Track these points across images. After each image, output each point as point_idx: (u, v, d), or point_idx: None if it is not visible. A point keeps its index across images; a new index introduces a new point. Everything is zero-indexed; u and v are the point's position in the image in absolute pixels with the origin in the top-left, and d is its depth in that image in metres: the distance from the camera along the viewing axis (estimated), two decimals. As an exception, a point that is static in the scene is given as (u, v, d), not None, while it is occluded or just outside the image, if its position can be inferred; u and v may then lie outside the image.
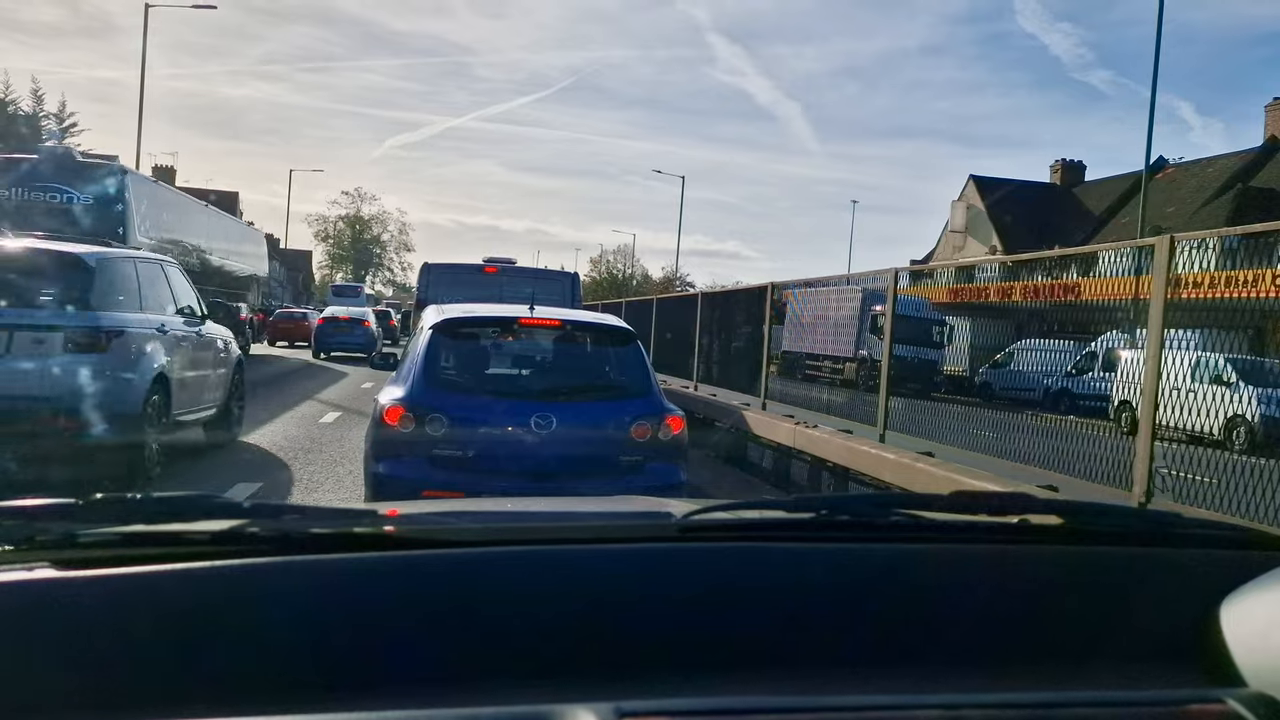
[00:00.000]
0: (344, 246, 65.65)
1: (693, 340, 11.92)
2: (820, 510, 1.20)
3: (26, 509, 0.99)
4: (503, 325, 5.51)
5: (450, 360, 5.23)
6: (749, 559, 1.08)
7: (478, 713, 0.79)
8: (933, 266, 14.77)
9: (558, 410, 4.86)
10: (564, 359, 5.69)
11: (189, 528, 0.99)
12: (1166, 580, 1.13)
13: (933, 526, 1.21)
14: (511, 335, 5.60)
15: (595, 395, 5.32)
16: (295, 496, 6.46)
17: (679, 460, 5.08)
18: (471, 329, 5.50)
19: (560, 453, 4.78)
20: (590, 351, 5.72)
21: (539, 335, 5.60)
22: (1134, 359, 4.32)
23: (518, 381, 5.56)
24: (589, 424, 4.96)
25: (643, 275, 60.01)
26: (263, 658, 0.87)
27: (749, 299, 10.77)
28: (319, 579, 0.95)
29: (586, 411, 5.07)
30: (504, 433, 4.82)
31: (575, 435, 4.85)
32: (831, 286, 11.33)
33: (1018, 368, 7.27)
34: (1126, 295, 5.74)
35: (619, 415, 5.00)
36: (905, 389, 7.88)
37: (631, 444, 4.91)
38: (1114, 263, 5.59)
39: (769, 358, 9.66)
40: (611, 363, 5.57)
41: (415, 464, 4.72)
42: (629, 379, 5.32)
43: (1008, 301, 8.60)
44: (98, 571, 0.90)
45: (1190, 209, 28.37)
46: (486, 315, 5.67)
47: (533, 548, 1.07)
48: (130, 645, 0.85)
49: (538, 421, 4.76)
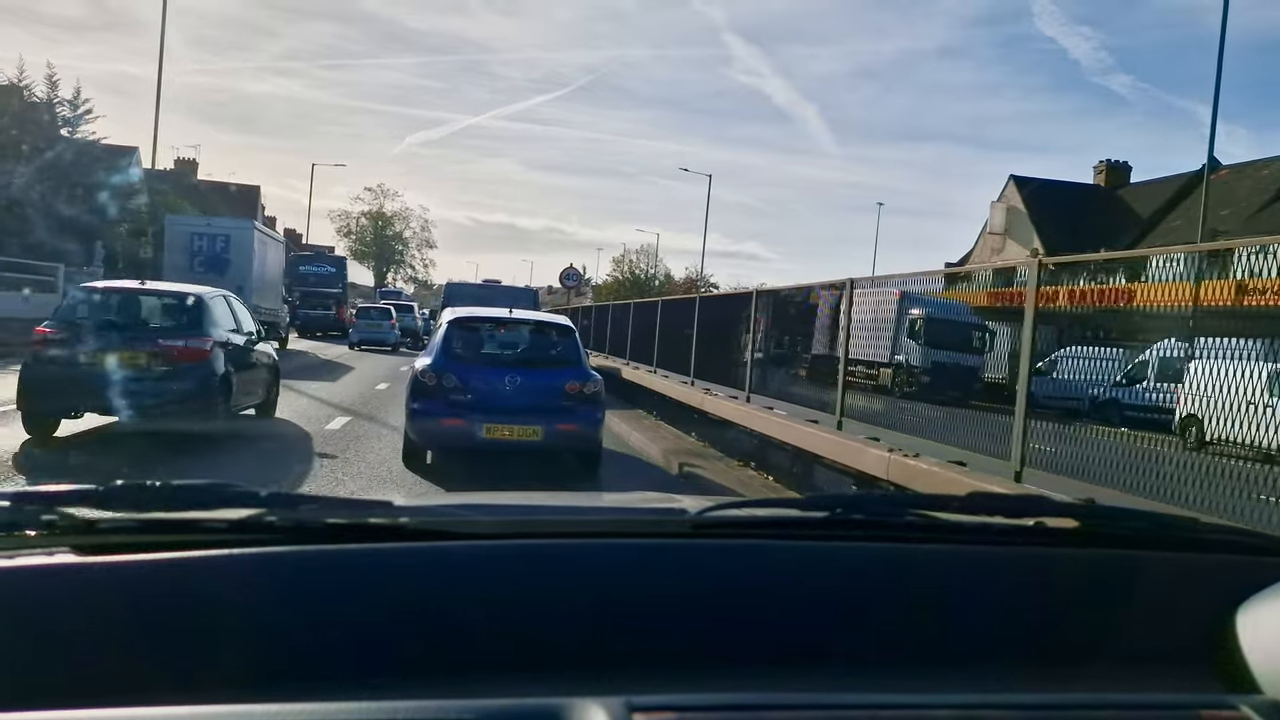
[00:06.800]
0: (366, 242, 65.12)
1: (742, 343, 10.50)
2: (835, 509, 1.19)
3: (47, 495, 0.98)
4: (493, 321, 9.10)
5: (459, 342, 8.49)
6: (762, 556, 1.07)
7: (487, 705, 0.78)
8: (975, 268, 14.20)
9: (523, 373, 8.17)
10: (529, 342, 8.92)
11: (207, 516, 0.99)
12: (1182, 585, 1.11)
13: (947, 527, 1.19)
14: (498, 327, 9.04)
15: (546, 365, 8.47)
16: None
17: (598, 407, 8.34)
18: (473, 323, 8.93)
19: (524, 399, 7.93)
20: (545, 338, 8.92)
21: (515, 327, 9.02)
22: (1208, 369, 3.91)
23: (500, 356, 8.74)
24: (542, 382, 8.17)
25: (665, 275, 59.45)
26: (277, 645, 0.87)
27: (810, 297, 9.91)
28: (334, 569, 0.95)
29: (541, 375, 8.28)
30: (490, 386, 8.01)
31: (533, 388, 8.07)
32: (881, 288, 10.66)
33: (1061, 375, 6.83)
34: (1185, 302, 5.33)
35: (561, 378, 8.23)
36: (944, 396, 7.50)
37: (567, 395, 8.13)
38: (1177, 268, 5.17)
39: (846, 367, 8.07)
40: (557, 345, 8.75)
41: (436, 403, 7.88)
42: (568, 356, 8.57)
43: (1053, 307, 8.17)
44: (117, 558, 0.91)
45: (1247, 211, 27.41)
46: (483, 315, 9.34)
47: (546, 541, 1.07)
48: (147, 631, 0.86)
49: (510, 380, 8.06)
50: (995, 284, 13.13)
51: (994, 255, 35.51)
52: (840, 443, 7.11)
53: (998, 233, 36.56)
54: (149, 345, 8.41)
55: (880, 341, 11.66)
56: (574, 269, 32.85)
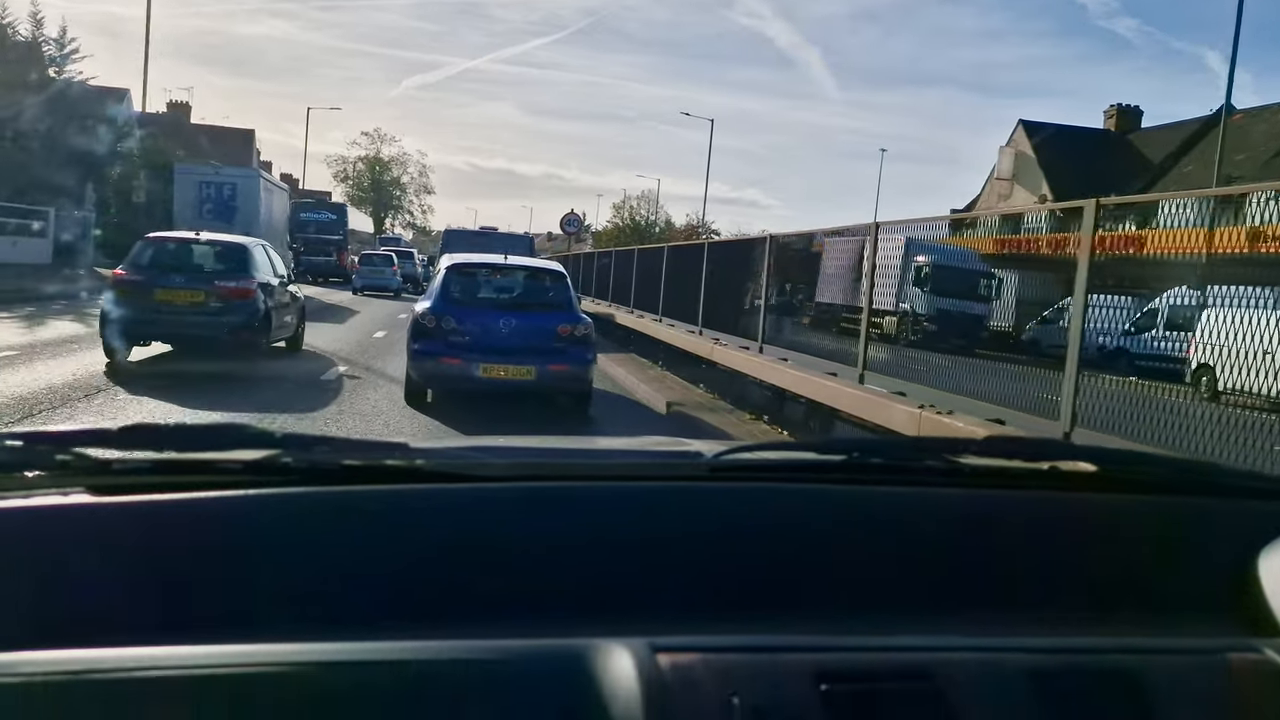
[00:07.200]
0: (363, 188, 63.72)
1: (755, 291, 10.24)
2: (852, 453, 1.18)
3: (61, 435, 0.98)
4: (488, 266, 9.49)
5: (457, 286, 8.92)
6: (779, 500, 1.06)
7: (510, 645, 0.77)
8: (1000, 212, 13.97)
9: (518, 316, 8.65)
10: (523, 287, 9.29)
11: (221, 456, 0.99)
12: (1203, 530, 1.10)
13: (966, 471, 1.17)
14: (494, 273, 9.41)
15: (539, 308, 8.89)
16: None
17: (589, 348, 8.76)
18: (470, 268, 9.36)
19: (518, 341, 8.40)
20: (539, 283, 9.32)
21: (510, 273, 9.45)
22: (1222, 318, 3.82)
23: (495, 299, 9.11)
24: (535, 325, 8.61)
25: (666, 222, 58.70)
26: (292, 586, 0.87)
27: (833, 245, 9.54)
28: (350, 510, 0.95)
29: (534, 317, 8.70)
30: (486, 328, 8.48)
31: (527, 330, 8.53)
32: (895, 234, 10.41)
33: (1069, 324, 6.73)
34: (1199, 249, 5.21)
35: (553, 320, 8.66)
36: (948, 345, 7.41)
37: (559, 337, 8.58)
38: (1189, 213, 5.04)
39: (870, 318, 7.75)
40: (550, 290, 9.19)
41: (435, 344, 8.36)
42: (560, 300, 9.03)
43: (1061, 254, 8.02)
44: (131, 498, 0.91)
45: (1263, 156, 26.88)
46: (479, 261, 9.75)
47: (563, 484, 1.06)
48: (161, 571, 0.86)
49: (505, 322, 8.55)
50: (1003, 230, 12.95)
51: (1000, 201, 35.08)
52: (864, 398, 6.78)
53: (1005, 178, 36.04)
54: (205, 285, 10.17)
55: (886, 289, 11.52)
56: (575, 214, 32.53)
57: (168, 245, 10.92)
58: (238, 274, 10.42)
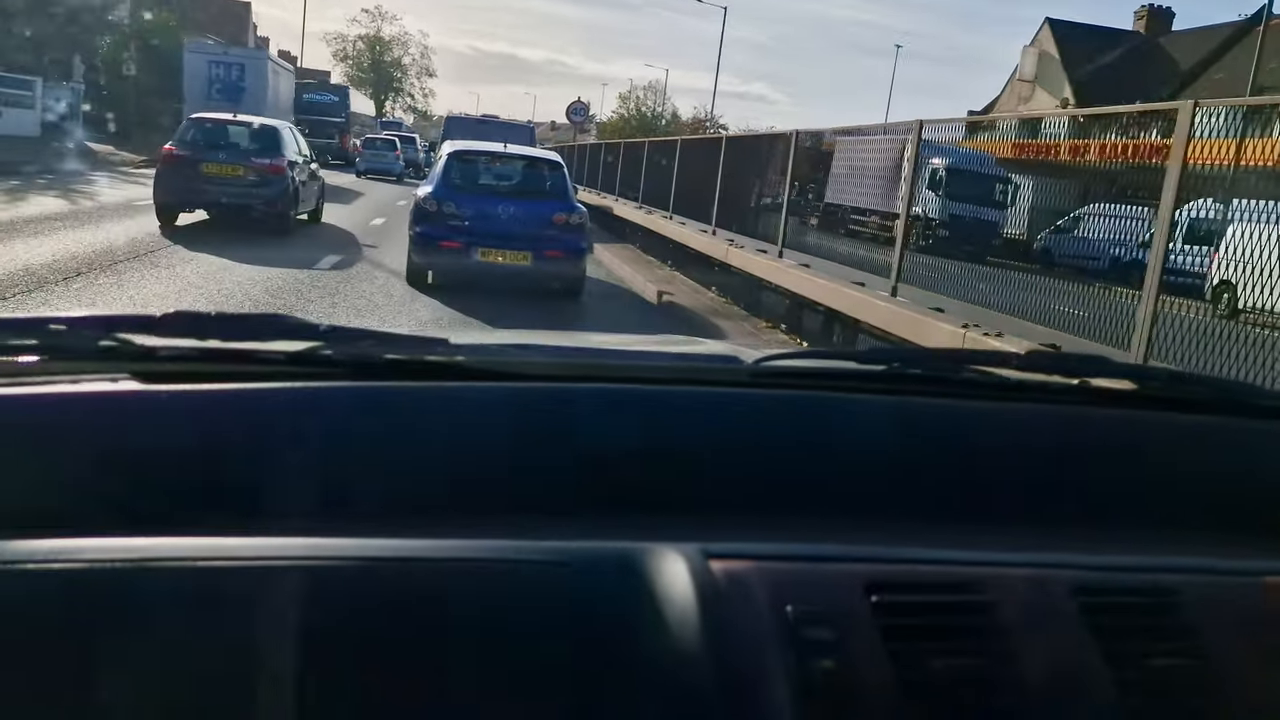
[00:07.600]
0: (364, 69, 61.95)
1: (775, 192, 9.76)
2: (892, 363, 1.19)
3: (104, 319, 0.97)
4: (489, 154, 9.91)
5: (457, 173, 9.30)
6: (820, 407, 1.06)
7: (564, 546, 0.76)
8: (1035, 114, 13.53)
9: (515, 203, 9.02)
10: (522, 175, 9.67)
11: (265, 347, 0.97)
12: (1242, 451, 1.10)
13: (1005, 385, 1.16)
14: (494, 161, 9.81)
15: (537, 196, 9.26)
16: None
17: (583, 236, 9.32)
18: (471, 155, 9.75)
19: (515, 227, 8.79)
20: (537, 172, 9.68)
21: (509, 161, 9.82)
22: (1246, 233, 3.67)
23: (495, 187, 9.48)
24: (532, 212, 8.96)
25: (672, 114, 57.14)
26: (335, 478, 0.87)
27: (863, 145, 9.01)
28: (393, 405, 0.94)
29: (532, 206, 9.05)
30: (485, 214, 8.81)
31: (524, 217, 8.88)
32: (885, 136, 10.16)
33: (1084, 234, 6.56)
34: (1225, 160, 5.00)
35: (549, 209, 9.04)
36: (959, 252, 7.23)
37: (554, 225, 8.97)
38: (1217, 122, 4.80)
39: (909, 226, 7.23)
40: (548, 179, 9.57)
41: (436, 228, 8.77)
42: (557, 189, 9.43)
43: (1080, 161, 7.74)
44: (177, 386, 0.90)
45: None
46: (479, 148, 10.14)
47: (604, 385, 1.04)
48: (208, 460, 0.85)
49: (504, 209, 8.91)
50: (1020, 134, 12.55)
51: (1021, 104, 34.03)
52: (898, 313, 6.34)
53: (1027, 80, 34.89)
54: (244, 161, 11.74)
55: (895, 191, 11.24)
56: (581, 103, 31.64)
57: (209, 125, 12.53)
58: (271, 152, 11.97)
